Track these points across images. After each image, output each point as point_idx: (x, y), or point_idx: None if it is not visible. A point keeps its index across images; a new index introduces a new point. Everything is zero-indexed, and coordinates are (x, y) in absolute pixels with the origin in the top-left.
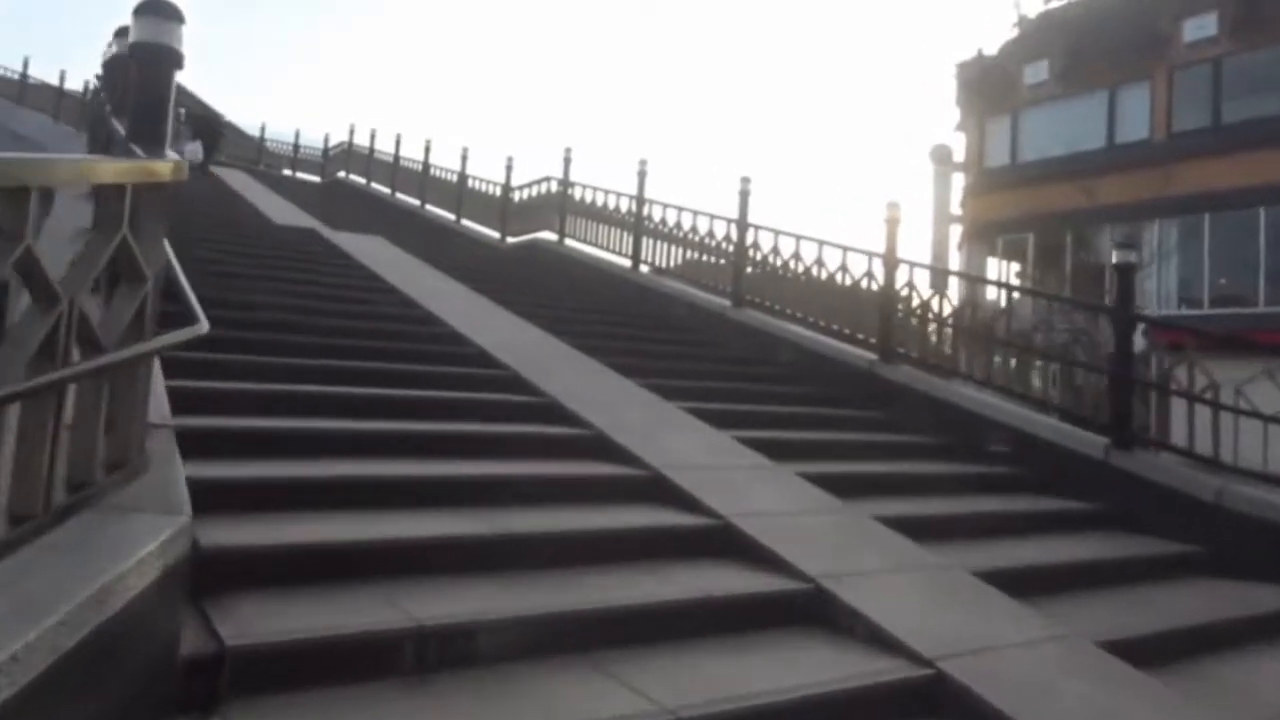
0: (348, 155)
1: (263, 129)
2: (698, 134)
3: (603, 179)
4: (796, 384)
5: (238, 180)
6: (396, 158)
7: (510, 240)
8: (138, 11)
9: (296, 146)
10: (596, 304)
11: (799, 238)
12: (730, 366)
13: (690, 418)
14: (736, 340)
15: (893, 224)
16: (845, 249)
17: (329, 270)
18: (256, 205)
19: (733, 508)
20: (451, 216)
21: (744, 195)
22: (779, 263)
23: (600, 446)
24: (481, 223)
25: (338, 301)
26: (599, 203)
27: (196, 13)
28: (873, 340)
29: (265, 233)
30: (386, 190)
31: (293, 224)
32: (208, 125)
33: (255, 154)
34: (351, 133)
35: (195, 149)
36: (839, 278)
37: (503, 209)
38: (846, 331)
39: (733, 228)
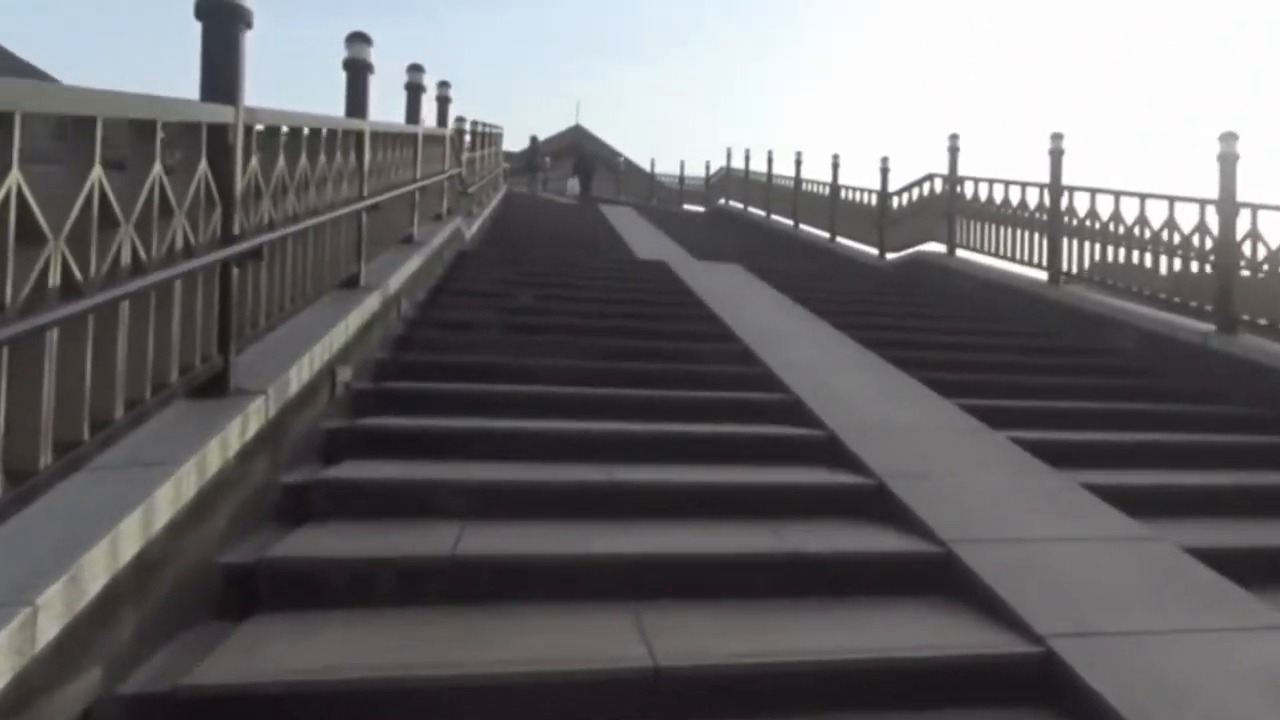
0: (726, 180)
1: (652, 164)
2: (1113, 105)
3: (997, 173)
4: None
5: (617, 215)
6: (769, 177)
7: (890, 256)
8: None
9: (681, 179)
10: (1003, 338)
11: None
12: (1230, 438)
13: (1192, 565)
14: (1230, 387)
15: None
16: None
17: (660, 313)
18: (625, 238)
19: None
20: (825, 235)
21: (1227, 161)
22: None
23: (1049, 679)
24: (857, 238)
25: (650, 359)
26: (998, 198)
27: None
28: None
29: (613, 270)
30: (762, 213)
31: (651, 257)
32: (584, 162)
33: (647, 190)
34: (728, 156)
35: (574, 184)
36: None
37: (879, 220)
38: None
39: (1209, 213)
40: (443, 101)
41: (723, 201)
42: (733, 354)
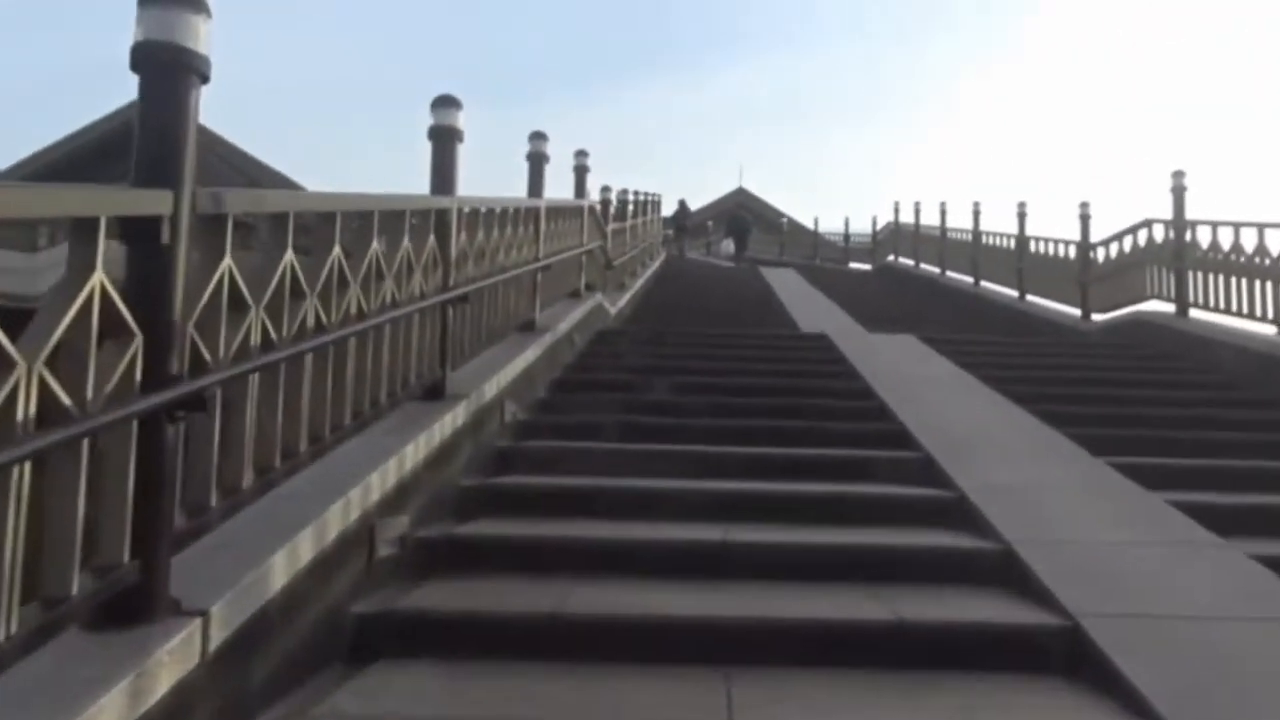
0: (894, 235)
1: (815, 222)
2: None
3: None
4: None
5: (778, 277)
6: (942, 230)
7: (1095, 318)
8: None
9: (846, 236)
10: None
11: None
12: None
13: None
14: None
15: None
16: None
17: (821, 407)
18: (785, 305)
19: None
20: (1010, 293)
21: None
22: None
23: None
24: (1050, 296)
25: (803, 476)
26: (1248, 246)
27: None
28: None
29: (768, 348)
30: (935, 269)
31: (813, 329)
32: (737, 224)
33: (811, 249)
34: (895, 211)
35: (729, 245)
36: None
37: (1080, 276)
38: None
39: None
40: (580, 171)
41: (891, 258)
42: (911, 468)
